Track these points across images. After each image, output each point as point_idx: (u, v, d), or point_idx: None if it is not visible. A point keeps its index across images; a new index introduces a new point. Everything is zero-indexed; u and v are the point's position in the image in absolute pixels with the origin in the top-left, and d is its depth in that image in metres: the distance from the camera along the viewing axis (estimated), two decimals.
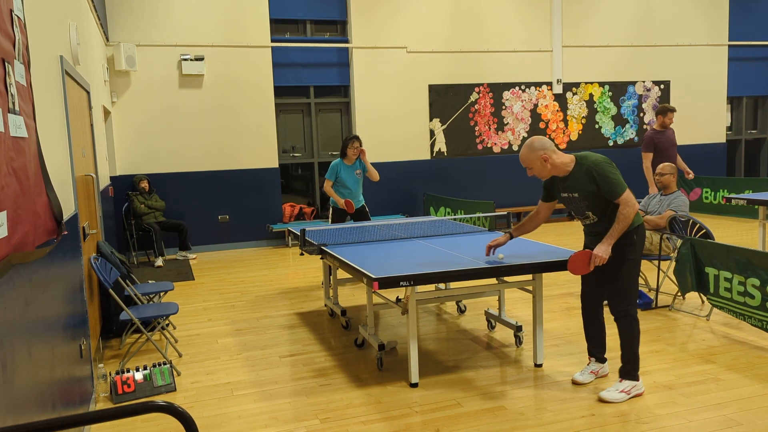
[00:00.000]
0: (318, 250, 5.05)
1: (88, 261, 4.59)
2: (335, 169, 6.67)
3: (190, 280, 7.73)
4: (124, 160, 9.28)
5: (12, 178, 2.12)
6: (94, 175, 5.54)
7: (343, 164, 6.69)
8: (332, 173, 6.68)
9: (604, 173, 3.58)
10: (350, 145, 6.61)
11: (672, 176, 5.90)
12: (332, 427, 3.59)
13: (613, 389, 3.79)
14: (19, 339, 2.23)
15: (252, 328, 5.63)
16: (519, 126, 11.22)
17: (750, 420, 3.48)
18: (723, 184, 11.08)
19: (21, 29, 2.52)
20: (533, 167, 3.72)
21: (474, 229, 5.64)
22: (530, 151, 3.69)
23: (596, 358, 4.12)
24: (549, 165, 3.71)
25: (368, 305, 4.71)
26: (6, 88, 2.14)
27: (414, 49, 10.47)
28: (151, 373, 4.22)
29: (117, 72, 9.04)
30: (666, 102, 12.04)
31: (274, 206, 10.03)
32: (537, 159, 3.69)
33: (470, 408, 3.77)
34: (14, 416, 2.09)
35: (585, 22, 11.39)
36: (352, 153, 6.63)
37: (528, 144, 3.71)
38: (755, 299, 4.43)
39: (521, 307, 5.92)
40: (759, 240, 6.98)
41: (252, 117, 9.77)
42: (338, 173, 6.67)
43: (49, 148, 3.17)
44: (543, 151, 3.68)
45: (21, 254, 2.17)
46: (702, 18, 12.06)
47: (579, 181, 3.68)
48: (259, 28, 9.66)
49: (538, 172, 3.74)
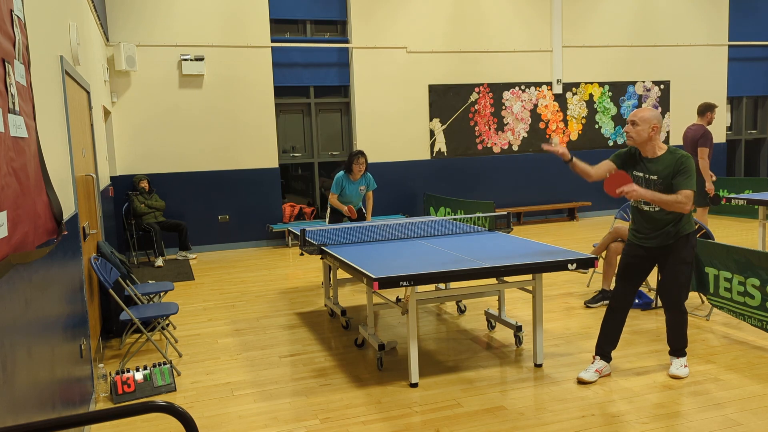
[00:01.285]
0: (318, 250, 5.05)
1: (88, 261, 4.59)
2: (340, 184, 6.64)
3: (190, 280, 7.73)
4: (124, 160, 9.29)
5: (12, 178, 2.12)
6: (94, 175, 5.54)
7: (347, 179, 6.66)
8: (337, 187, 6.65)
9: (691, 168, 3.80)
10: (356, 161, 6.57)
11: None
12: (332, 427, 3.59)
13: (678, 364, 4.13)
14: (19, 339, 2.23)
15: (252, 328, 5.63)
16: (519, 126, 11.22)
17: (750, 420, 3.48)
18: (723, 184, 11.08)
19: (21, 29, 2.52)
20: (641, 127, 3.86)
21: (474, 229, 5.64)
22: (651, 115, 3.87)
23: (602, 356, 4.16)
24: (653, 135, 3.88)
25: (368, 305, 4.71)
26: (6, 88, 2.14)
27: (414, 49, 10.47)
28: (151, 373, 4.22)
29: (117, 72, 9.04)
30: (666, 102, 12.04)
31: (274, 206, 10.03)
32: (650, 124, 3.87)
33: (470, 408, 3.77)
34: (14, 416, 2.09)
35: (585, 22, 11.39)
36: (357, 169, 6.59)
37: (651, 108, 3.94)
38: (755, 299, 4.43)
39: (521, 307, 5.92)
40: (759, 240, 6.98)
41: (252, 117, 9.77)
42: (343, 187, 6.65)
43: (49, 148, 3.17)
44: (658, 122, 3.89)
45: (21, 254, 2.17)
46: (702, 18, 12.06)
47: (666, 166, 3.86)
48: (259, 28, 9.66)
49: (636, 135, 3.89)
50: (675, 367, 4.13)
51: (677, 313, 4.05)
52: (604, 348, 4.16)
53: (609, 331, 4.14)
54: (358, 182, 6.70)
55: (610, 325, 4.13)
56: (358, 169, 6.61)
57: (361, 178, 6.71)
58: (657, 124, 3.89)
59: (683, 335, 4.13)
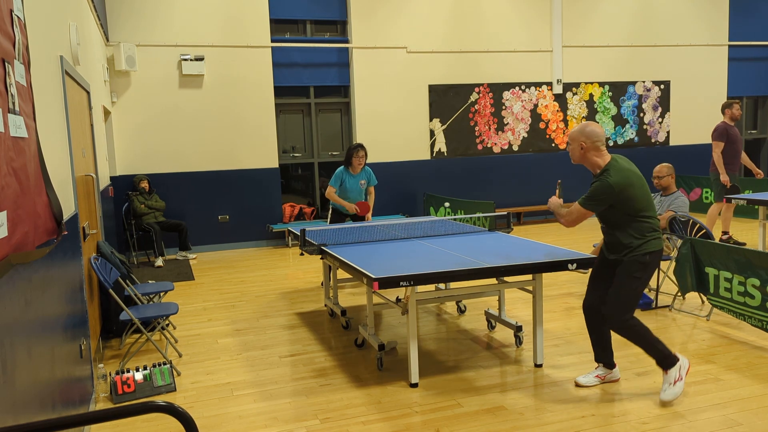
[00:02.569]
0: (318, 250, 5.05)
1: (88, 261, 4.59)
2: (339, 177, 6.54)
3: (190, 280, 7.73)
4: (124, 160, 9.28)
5: (12, 178, 2.12)
6: (94, 175, 5.54)
7: (347, 173, 6.56)
8: (336, 181, 6.54)
9: (592, 188, 3.71)
10: (355, 155, 6.47)
11: (670, 177, 5.90)
12: (332, 427, 3.59)
13: (666, 385, 3.78)
14: (19, 339, 2.23)
15: (252, 328, 5.63)
16: (519, 126, 11.22)
17: (750, 420, 3.48)
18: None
19: (21, 29, 2.52)
20: (571, 146, 3.82)
21: (474, 229, 5.64)
22: (578, 133, 3.79)
23: (604, 363, 4.08)
24: (584, 154, 3.79)
25: (368, 305, 4.71)
26: (6, 88, 2.14)
27: (414, 49, 10.47)
28: (151, 373, 4.22)
29: (117, 72, 9.04)
30: (666, 102, 12.04)
31: (274, 206, 10.03)
32: (577, 142, 3.79)
33: (470, 408, 3.77)
34: (14, 416, 2.09)
35: (585, 22, 11.39)
36: (357, 162, 6.49)
37: (581, 125, 3.81)
38: (755, 299, 4.43)
39: (521, 307, 5.92)
40: (759, 240, 6.99)
41: (252, 117, 9.77)
42: (342, 181, 6.55)
43: (49, 148, 3.17)
44: (586, 139, 3.76)
45: (21, 254, 2.17)
46: (702, 18, 12.06)
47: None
48: (259, 28, 9.66)
49: (571, 155, 3.85)
50: (663, 388, 3.79)
51: (615, 327, 3.78)
52: (599, 355, 4.08)
53: (593, 337, 4.06)
54: (359, 176, 6.59)
55: (590, 331, 4.06)
56: (358, 162, 6.49)
57: (362, 172, 6.61)
58: (584, 141, 3.75)
59: (650, 346, 3.78)
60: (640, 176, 3.75)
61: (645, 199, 3.72)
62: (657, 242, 3.77)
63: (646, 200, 3.72)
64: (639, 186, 3.70)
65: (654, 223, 3.75)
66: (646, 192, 3.74)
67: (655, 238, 3.75)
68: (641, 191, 3.70)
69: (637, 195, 3.68)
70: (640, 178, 3.74)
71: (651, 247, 3.73)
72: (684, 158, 12.22)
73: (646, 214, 3.71)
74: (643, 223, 3.72)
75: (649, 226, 3.73)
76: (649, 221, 3.73)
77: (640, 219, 3.71)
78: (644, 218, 3.71)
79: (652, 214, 3.75)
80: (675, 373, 3.78)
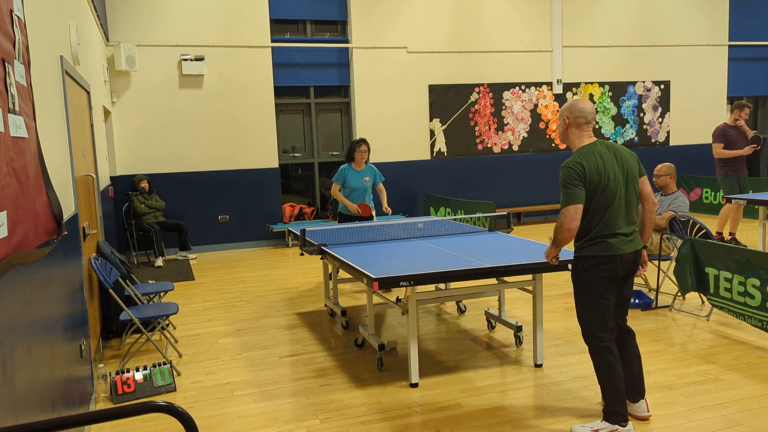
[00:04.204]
0: (318, 250, 5.05)
1: (88, 261, 4.59)
2: (343, 174, 6.45)
3: (190, 280, 7.73)
4: (124, 160, 9.28)
5: (12, 178, 2.12)
6: (94, 175, 5.53)
7: (351, 168, 6.47)
8: (340, 177, 6.46)
9: (561, 179, 3.26)
10: (357, 149, 6.39)
11: (669, 177, 5.90)
12: (332, 427, 3.59)
13: (588, 426, 3.37)
14: (19, 339, 2.23)
15: (252, 328, 5.63)
16: (519, 126, 11.22)
17: (750, 420, 3.48)
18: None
19: (21, 29, 2.52)
20: (559, 121, 3.42)
21: (474, 229, 5.64)
22: (563, 109, 3.40)
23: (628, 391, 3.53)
24: (566, 131, 3.40)
25: (368, 305, 4.71)
26: (6, 88, 2.14)
27: (414, 49, 10.47)
28: (151, 373, 4.22)
29: (117, 72, 9.04)
30: (666, 102, 12.04)
31: (274, 206, 10.03)
32: (562, 118, 3.40)
33: (470, 408, 3.77)
34: (14, 416, 2.09)
35: (585, 22, 11.39)
36: (360, 157, 6.40)
37: (571, 100, 3.41)
38: (755, 299, 4.43)
39: (521, 307, 5.92)
40: (759, 240, 6.98)
41: (252, 117, 9.77)
42: (346, 177, 6.45)
43: (49, 148, 3.17)
44: (569, 114, 3.36)
45: (21, 254, 2.17)
46: (702, 18, 12.06)
47: None
48: (259, 28, 9.66)
49: (558, 130, 3.47)
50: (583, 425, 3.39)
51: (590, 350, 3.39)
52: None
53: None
54: (362, 172, 6.47)
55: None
56: (360, 157, 6.39)
57: (366, 169, 6.50)
58: (567, 116, 3.35)
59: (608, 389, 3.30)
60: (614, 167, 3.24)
61: (608, 196, 3.22)
62: (604, 247, 3.24)
63: (608, 198, 3.22)
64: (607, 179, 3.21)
65: (613, 227, 3.24)
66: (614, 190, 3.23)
67: (603, 242, 3.24)
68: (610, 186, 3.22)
69: (599, 188, 3.21)
70: (613, 169, 3.24)
71: (594, 251, 3.26)
72: (684, 158, 12.22)
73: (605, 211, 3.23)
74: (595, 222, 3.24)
75: (604, 229, 3.24)
76: (607, 223, 3.23)
77: (595, 215, 3.24)
78: (601, 215, 3.23)
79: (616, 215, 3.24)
80: (602, 428, 3.31)
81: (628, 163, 3.32)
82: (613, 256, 3.25)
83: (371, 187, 6.59)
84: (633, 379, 3.49)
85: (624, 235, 3.28)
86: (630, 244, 3.30)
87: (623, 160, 3.31)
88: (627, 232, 3.30)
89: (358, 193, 6.49)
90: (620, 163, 3.29)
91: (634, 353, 3.50)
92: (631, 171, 3.32)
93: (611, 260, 3.25)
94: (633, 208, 3.34)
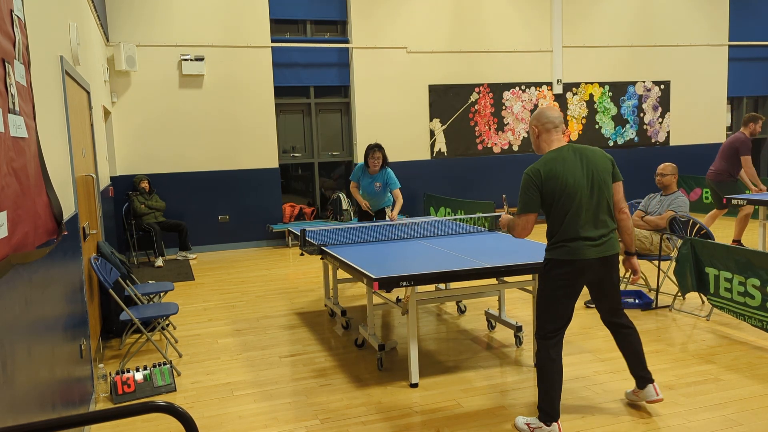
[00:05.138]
0: (318, 250, 5.05)
1: (88, 261, 4.59)
2: (357, 173, 6.54)
3: (190, 280, 7.73)
4: (124, 161, 9.28)
5: (12, 178, 2.12)
6: (94, 176, 5.54)
7: (365, 171, 6.51)
8: (355, 175, 6.57)
9: (520, 185, 3.30)
10: (371, 155, 6.33)
11: (673, 177, 5.91)
12: (332, 427, 3.59)
13: (522, 418, 3.46)
14: (19, 339, 2.23)
15: (252, 328, 5.63)
16: (519, 126, 11.22)
17: (750, 420, 3.48)
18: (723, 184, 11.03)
19: (21, 29, 2.52)
20: (530, 132, 3.44)
21: (474, 230, 5.64)
22: (532, 117, 3.42)
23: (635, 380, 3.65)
24: (536, 140, 3.42)
25: (368, 305, 4.71)
26: (6, 88, 2.14)
27: (414, 49, 10.47)
28: (151, 374, 4.22)
29: (117, 72, 9.04)
30: (666, 102, 12.04)
31: (274, 206, 10.03)
32: (531, 127, 3.42)
33: (470, 408, 3.77)
34: (14, 416, 2.09)
35: (585, 22, 11.39)
36: (372, 163, 6.35)
37: (538, 109, 3.43)
38: (755, 299, 4.43)
39: (521, 307, 5.92)
40: (759, 240, 6.98)
41: (252, 117, 9.77)
42: (360, 178, 6.53)
43: (49, 148, 3.17)
44: (537, 122, 3.37)
45: (21, 254, 2.17)
46: (702, 18, 12.06)
47: None
48: (259, 28, 9.66)
49: (532, 141, 3.48)
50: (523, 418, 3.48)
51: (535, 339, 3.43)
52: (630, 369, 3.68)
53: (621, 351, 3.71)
54: (375, 177, 6.45)
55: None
56: (373, 164, 6.35)
57: (379, 174, 6.44)
58: (535, 125, 3.37)
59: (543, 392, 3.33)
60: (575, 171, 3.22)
61: (567, 199, 3.21)
62: (565, 251, 3.24)
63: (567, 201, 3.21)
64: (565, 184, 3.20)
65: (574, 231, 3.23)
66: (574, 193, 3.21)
67: (564, 247, 3.24)
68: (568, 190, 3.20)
69: (555, 192, 3.21)
70: (573, 173, 3.21)
71: (555, 254, 3.28)
72: (684, 158, 12.22)
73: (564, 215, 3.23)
74: (557, 225, 3.26)
75: (565, 233, 3.24)
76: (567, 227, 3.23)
77: (556, 218, 3.26)
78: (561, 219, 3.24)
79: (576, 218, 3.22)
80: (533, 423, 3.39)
81: (597, 167, 3.28)
82: (573, 260, 3.25)
83: (382, 193, 6.53)
84: (639, 370, 3.57)
85: (589, 239, 3.24)
86: (595, 249, 3.25)
87: (590, 163, 3.27)
88: (593, 236, 3.25)
89: (368, 196, 6.57)
90: (585, 167, 3.26)
91: (635, 346, 3.55)
92: (599, 174, 3.27)
93: (571, 264, 3.25)
94: (603, 212, 3.29)
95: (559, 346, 3.37)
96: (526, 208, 3.28)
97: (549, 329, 3.36)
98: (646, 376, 3.58)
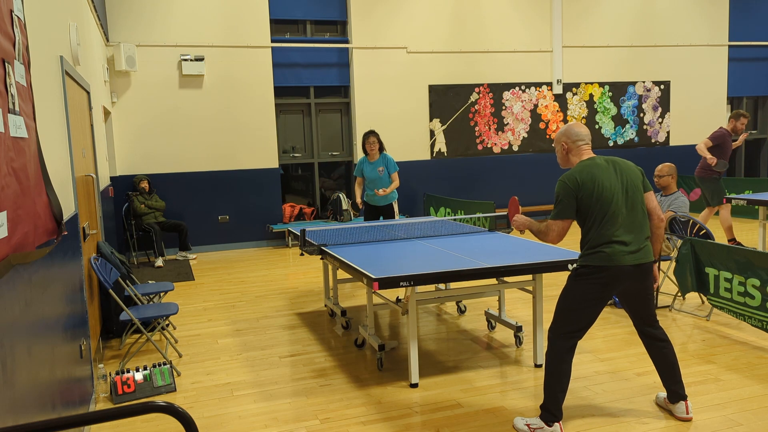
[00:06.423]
0: (318, 250, 5.05)
1: (88, 261, 4.59)
2: (360, 166, 6.85)
3: (190, 280, 7.73)
4: (124, 161, 9.28)
5: (12, 178, 2.12)
6: (94, 176, 5.54)
7: (366, 161, 6.82)
8: (358, 170, 6.88)
9: (555, 192, 3.37)
10: (366, 141, 6.72)
11: (670, 177, 5.91)
12: (332, 428, 3.59)
13: (521, 419, 3.49)
14: (19, 339, 2.23)
15: (252, 328, 5.63)
16: (519, 126, 11.22)
17: (750, 420, 3.48)
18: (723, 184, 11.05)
19: (21, 29, 2.52)
20: (557, 149, 3.53)
21: (474, 230, 5.64)
22: (560, 134, 3.49)
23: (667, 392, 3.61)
24: (565, 156, 3.49)
25: (368, 305, 4.71)
26: (6, 88, 2.14)
27: (414, 49, 10.47)
28: (151, 374, 4.22)
29: (117, 72, 9.04)
30: (666, 102, 12.04)
31: (274, 206, 10.03)
32: (559, 144, 3.50)
33: (470, 408, 3.77)
34: (14, 416, 2.09)
35: (585, 22, 11.39)
36: (369, 149, 6.72)
37: (565, 126, 3.49)
38: (755, 299, 4.43)
39: (521, 307, 5.92)
40: (759, 240, 6.98)
41: (252, 117, 9.77)
42: (363, 169, 6.81)
43: (49, 148, 3.17)
44: (567, 139, 3.45)
45: (21, 254, 2.17)
46: (702, 18, 12.06)
47: None
48: (259, 28, 9.66)
49: (557, 155, 3.55)
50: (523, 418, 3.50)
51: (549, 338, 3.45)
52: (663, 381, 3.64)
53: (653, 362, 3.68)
54: (376, 163, 6.77)
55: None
56: (370, 149, 6.71)
57: (380, 159, 6.78)
58: (565, 141, 3.44)
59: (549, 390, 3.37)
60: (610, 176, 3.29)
61: (603, 203, 3.26)
62: (601, 257, 3.26)
63: (604, 205, 3.26)
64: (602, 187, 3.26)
65: (610, 234, 3.26)
66: (610, 197, 3.26)
67: (600, 252, 3.26)
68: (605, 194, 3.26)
69: (593, 196, 3.27)
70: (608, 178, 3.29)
71: (591, 260, 3.30)
72: (684, 158, 12.22)
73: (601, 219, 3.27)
74: (593, 230, 3.30)
75: (601, 237, 3.27)
76: (603, 231, 3.27)
77: (593, 223, 3.30)
78: (597, 223, 3.28)
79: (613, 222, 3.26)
80: (534, 423, 3.42)
81: (629, 175, 3.36)
82: (609, 267, 3.26)
83: (387, 177, 6.83)
84: (673, 385, 3.53)
85: (623, 244, 3.26)
86: (631, 255, 3.27)
87: (623, 171, 3.36)
88: (626, 240, 3.27)
89: (375, 183, 6.81)
90: (618, 173, 3.33)
91: (670, 359, 3.53)
92: (632, 181, 3.35)
93: (606, 270, 3.27)
94: (638, 217, 3.33)
95: (574, 349, 3.39)
96: (563, 214, 3.32)
97: (569, 329, 3.37)
98: (680, 392, 3.53)
